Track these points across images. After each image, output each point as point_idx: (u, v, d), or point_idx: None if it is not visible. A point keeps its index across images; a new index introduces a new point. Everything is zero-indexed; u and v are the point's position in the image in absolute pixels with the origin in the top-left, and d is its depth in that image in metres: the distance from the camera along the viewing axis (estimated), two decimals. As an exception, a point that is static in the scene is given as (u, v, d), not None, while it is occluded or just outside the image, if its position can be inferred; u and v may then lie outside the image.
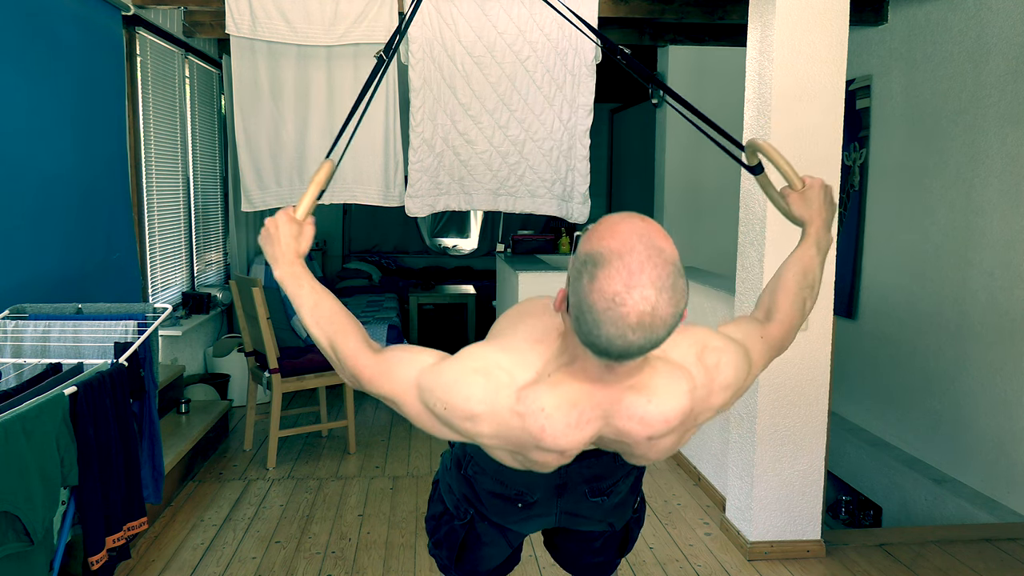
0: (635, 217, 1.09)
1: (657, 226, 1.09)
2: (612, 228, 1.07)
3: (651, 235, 1.06)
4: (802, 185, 1.52)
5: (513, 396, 1.18)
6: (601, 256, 1.04)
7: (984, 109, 3.72)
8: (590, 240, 1.08)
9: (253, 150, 4.06)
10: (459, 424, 1.22)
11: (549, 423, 1.18)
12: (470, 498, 1.56)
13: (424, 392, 1.23)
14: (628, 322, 1.03)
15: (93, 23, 3.42)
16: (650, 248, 1.04)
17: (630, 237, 1.05)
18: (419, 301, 6.98)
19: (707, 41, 4.87)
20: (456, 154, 4.03)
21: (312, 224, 1.42)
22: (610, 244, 1.05)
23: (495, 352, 1.24)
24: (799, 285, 1.46)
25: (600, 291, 1.03)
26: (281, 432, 4.03)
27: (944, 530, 3.39)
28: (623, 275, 1.02)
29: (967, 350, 3.84)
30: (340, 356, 1.31)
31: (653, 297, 1.03)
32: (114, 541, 2.14)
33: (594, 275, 1.04)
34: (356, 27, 3.91)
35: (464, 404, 1.20)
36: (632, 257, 1.03)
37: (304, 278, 1.35)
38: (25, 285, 2.85)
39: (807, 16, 2.83)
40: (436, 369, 1.24)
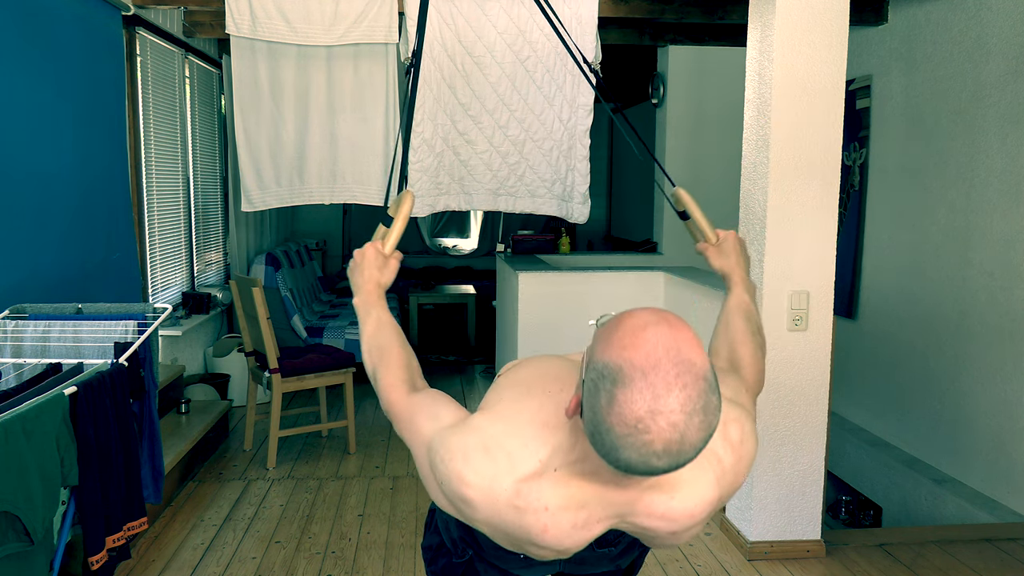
0: (660, 321, 0.94)
1: (686, 330, 0.95)
2: (634, 336, 0.93)
3: (679, 345, 0.92)
4: (716, 239, 1.60)
5: (512, 488, 1.07)
6: (621, 372, 0.91)
7: (984, 109, 3.72)
8: (608, 346, 0.94)
9: (253, 150, 4.06)
10: (453, 501, 1.14)
11: (553, 523, 1.07)
12: (468, 541, 1.48)
13: (431, 453, 1.16)
14: (653, 449, 0.91)
15: (93, 23, 3.42)
16: (679, 363, 0.90)
17: (655, 349, 0.91)
18: (419, 301, 6.98)
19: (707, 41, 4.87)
20: (456, 154, 4.03)
21: (398, 259, 1.49)
22: (632, 357, 0.91)
23: (498, 430, 1.12)
24: (750, 331, 1.48)
25: (620, 415, 0.90)
26: (281, 432, 4.03)
27: (944, 530, 3.39)
28: (647, 398, 0.89)
29: (967, 350, 3.84)
30: (379, 385, 1.33)
31: (682, 423, 0.90)
32: (114, 541, 2.14)
33: (613, 395, 0.91)
34: (356, 27, 3.91)
35: (458, 485, 1.10)
36: (658, 376, 0.90)
37: (375, 308, 1.41)
38: (25, 285, 2.85)
39: (807, 16, 2.83)
40: (444, 433, 1.15)
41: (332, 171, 4.09)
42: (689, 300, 3.96)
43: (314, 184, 4.10)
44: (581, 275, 4.48)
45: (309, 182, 4.10)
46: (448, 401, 1.24)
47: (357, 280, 1.44)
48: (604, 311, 1.10)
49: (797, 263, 2.93)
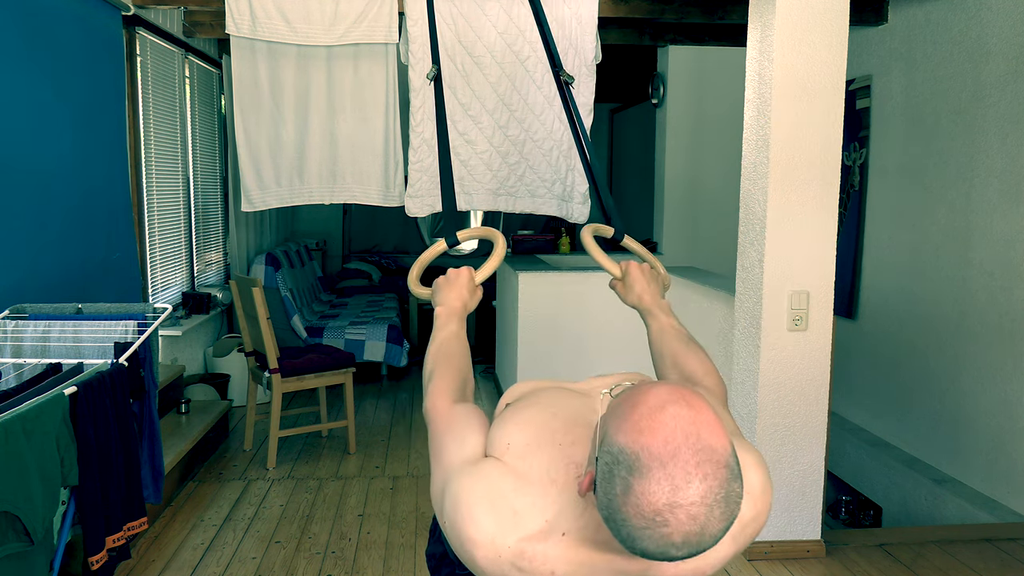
0: (679, 400, 0.89)
1: (706, 410, 0.89)
2: (651, 418, 0.87)
3: (699, 429, 0.87)
4: (620, 273, 1.63)
5: (515, 547, 1.02)
6: (638, 460, 0.86)
7: (984, 109, 3.72)
8: (624, 427, 0.89)
9: (253, 150, 4.06)
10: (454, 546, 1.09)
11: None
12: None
13: (446, 483, 1.12)
14: (671, 541, 0.86)
15: (93, 23, 3.42)
16: (699, 450, 0.85)
17: (674, 435, 0.86)
18: (419, 301, 6.97)
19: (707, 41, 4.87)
20: (456, 154, 4.03)
21: (481, 291, 1.57)
22: (649, 443, 0.86)
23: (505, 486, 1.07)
24: (684, 344, 1.46)
25: (637, 506, 0.86)
26: (281, 432, 4.03)
27: (944, 530, 3.39)
28: (666, 490, 0.84)
29: (967, 350, 3.84)
30: (430, 387, 1.33)
31: (702, 516, 0.85)
32: (114, 541, 2.14)
33: (629, 484, 0.86)
34: (356, 27, 3.91)
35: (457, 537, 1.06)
36: (677, 465, 0.85)
37: (456, 322, 1.47)
38: (25, 285, 2.85)
39: (807, 16, 2.83)
40: (461, 472, 1.10)
41: (332, 171, 4.09)
42: (687, 298, 3.95)
43: (314, 184, 4.10)
44: (581, 275, 4.48)
45: (309, 182, 4.10)
46: (479, 425, 1.20)
47: (447, 294, 1.51)
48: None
49: (797, 263, 2.93)
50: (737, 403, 3.15)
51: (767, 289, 2.94)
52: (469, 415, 1.23)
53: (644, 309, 1.58)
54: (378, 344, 5.62)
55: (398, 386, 5.70)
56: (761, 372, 2.96)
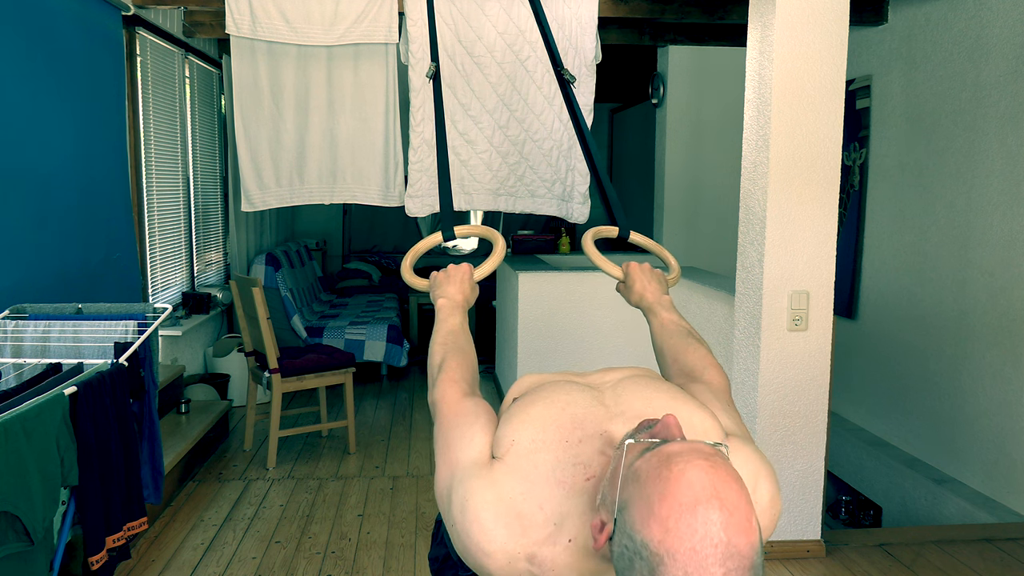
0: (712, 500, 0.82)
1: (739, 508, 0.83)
2: (679, 519, 0.82)
3: (731, 536, 0.81)
4: (622, 273, 1.63)
5: (526, 552, 1.03)
6: (662, 565, 0.81)
7: (984, 109, 3.72)
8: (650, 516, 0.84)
9: (253, 150, 4.06)
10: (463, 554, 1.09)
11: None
12: None
13: (452, 480, 1.11)
14: None
15: (93, 23, 3.42)
16: (728, 559, 0.81)
17: (703, 544, 0.81)
18: (419, 301, 6.98)
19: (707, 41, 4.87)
20: (456, 154, 4.03)
21: (478, 289, 1.58)
22: (675, 551, 0.81)
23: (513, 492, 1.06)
24: (685, 340, 1.46)
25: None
26: (281, 432, 4.03)
27: (944, 530, 3.39)
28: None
29: (967, 350, 3.84)
30: (440, 376, 1.31)
31: None
32: (114, 541, 2.14)
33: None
34: (356, 27, 3.91)
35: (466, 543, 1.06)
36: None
37: (460, 314, 1.48)
38: (25, 285, 2.85)
39: (807, 16, 2.83)
40: (468, 475, 1.10)
41: (332, 171, 4.09)
42: (687, 298, 3.95)
43: (314, 184, 4.10)
44: (581, 275, 4.48)
45: (309, 182, 4.10)
46: (488, 422, 1.18)
47: (448, 288, 1.52)
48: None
49: (797, 263, 2.93)
50: (737, 403, 3.15)
51: (767, 289, 2.94)
52: (479, 411, 1.20)
53: (645, 307, 1.58)
54: (378, 344, 5.62)
55: (398, 386, 5.70)
56: (761, 372, 2.96)
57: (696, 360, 1.41)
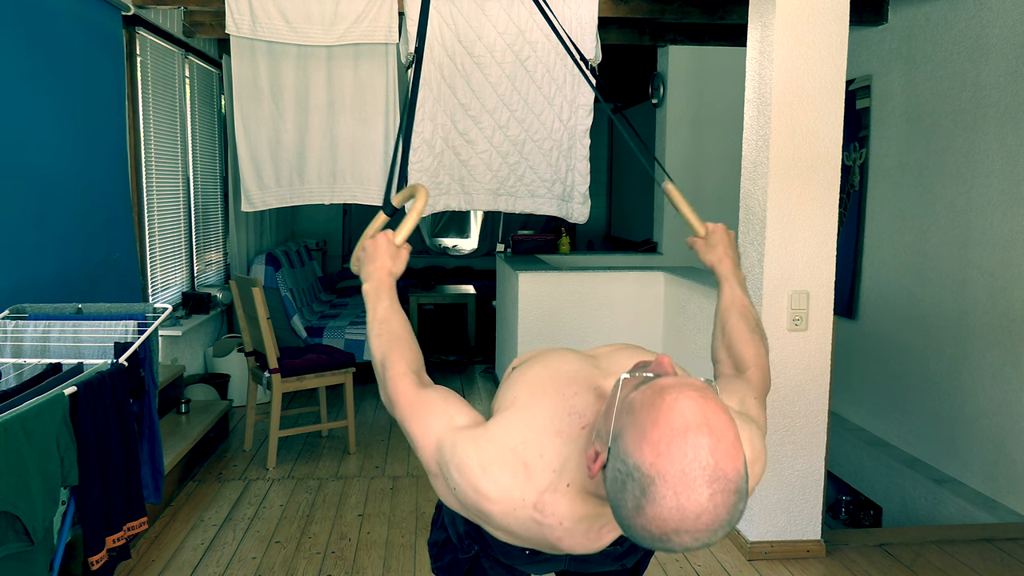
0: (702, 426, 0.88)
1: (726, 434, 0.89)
2: (671, 443, 0.87)
3: (718, 459, 0.87)
4: (705, 232, 1.60)
5: (531, 501, 1.08)
6: (653, 485, 0.87)
7: (984, 109, 3.72)
8: (642, 441, 0.89)
9: (253, 150, 4.06)
10: (467, 509, 1.14)
11: (567, 535, 1.10)
12: (475, 536, 1.48)
13: (441, 454, 1.15)
14: (672, 550, 0.91)
15: (93, 23, 3.42)
16: (714, 481, 0.86)
17: (692, 467, 0.86)
18: (419, 301, 6.98)
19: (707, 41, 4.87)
20: (456, 154, 4.03)
21: (407, 250, 1.47)
22: (665, 472, 0.87)
23: (514, 442, 1.12)
24: (750, 330, 1.46)
25: (645, 527, 0.89)
26: (281, 432, 4.03)
27: (944, 530, 3.39)
28: (676, 519, 0.87)
29: (967, 350, 3.84)
30: (386, 375, 1.30)
31: (706, 538, 0.89)
32: (114, 541, 2.14)
33: (641, 505, 0.88)
34: (356, 27, 3.91)
35: (474, 495, 1.11)
36: (690, 498, 0.86)
37: (386, 295, 1.41)
38: (25, 285, 2.85)
39: (807, 16, 2.83)
40: (457, 438, 1.14)
41: (332, 171, 4.09)
42: (687, 299, 3.95)
43: (314, 184, 4.10)
44: (581, 275, 4.48)
45: (309, 182, 4.10)
46: (459, 401, 1.23)
47: (369, 269, 1.43)
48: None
49: (797, 263, 2.93)
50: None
51: (767, 289, 2.94)
52: (444, 394, 1.25)
53: (721, 274, 1.57)
54: (378, 344, 5.60)
55: (398, 386, 5.70)
56: (761, 372, 2.96)
57: (750, 356, 1.42)
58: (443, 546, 1.60)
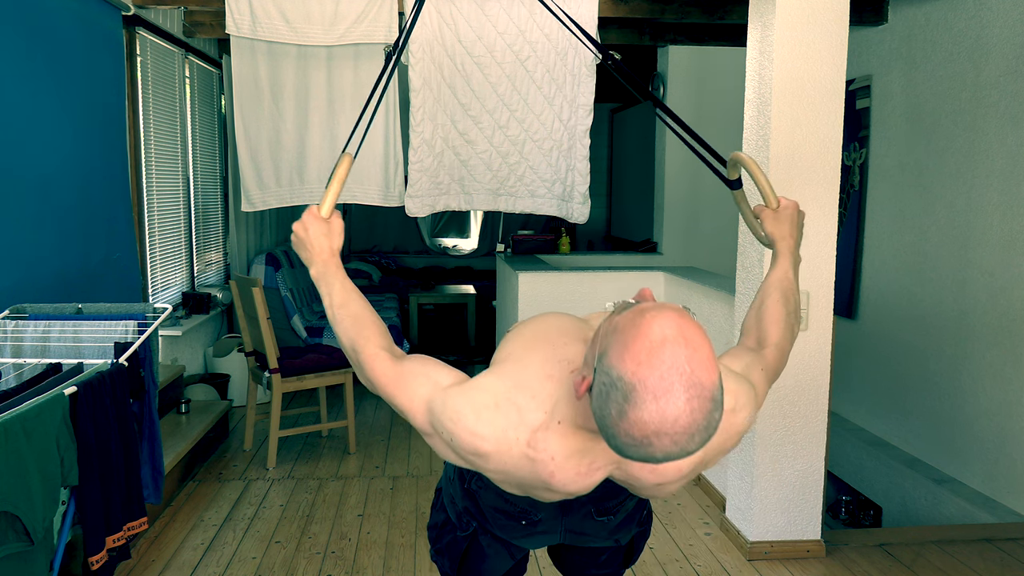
0: (679, 339, 0.95)
1: (701, 347, 0.97)
2: (651, 355, 0.95)
3: (694, 367, 0.95)
4: (777, 205, 1.57)
5: (524, 439, 1.15)
6: (634, 392, 0.95)
7: (984, 109, 3.72)
8: (624, 353, 0.96)
9: (253, 150, 4.06)
10: (465, 456, 1.20)
11: (559, 471, 1.16)
12: (473, 512, 1.53)
13: (432, 415, 1.21)
14: (653, 456, 0.98)
15: (93, 23, 3.42)
16: (690, 387, 0.94)
17: (670, 373, 0.94)
18: (419, 301, 6.98)
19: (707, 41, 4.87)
20: (456, 154, 4.03)
21: (340, 218, 1.43)
22: (646, 379, 0.94)
23: (505, 386, 1.19)
24: (785, 311, 1.46)
25: (628, 431, 0.96)
26: (281, 432, 4.03)
27: (944, 530, 3.39)
28: (655, 420, 0.94)
29: (967, 350, 3.84)
30: (360, 359, 1.31)
31: (684, 441, 0.96)
32: (114, 541, 2.14)
33: (624, 410, 0.95)
34: (356, 27, 3.91)
35: (470, 439, 1.17)
36: (669, 402, 0.94)
37: (336, 277, 1.39)
38: (25, 285, 2.85)
39: (807, 16, 2.83)
40: (447, 395, 1.21)
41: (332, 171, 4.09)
42: (687, 299, 3.96)
43: (314, 184, 4.10)
44: (581, 275, 4.48)
45: (309, 182, 4.09)
46: (438, 364, 1.28)
47: (307, 254, 1.40)
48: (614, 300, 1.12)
49: (797, 263, 2.93)
50: (737, 403, 3.14)
51: (767, 289, 2.93)
52: (422, 361, 1.30)
53: (780, 250, 1.55)
54: (378, 344, 5.61)
55: (398, 386, 5.70)
56: (761, 372, 2.96)
57: (775, 336, 1.43)
58: (442, 527, 1.63)
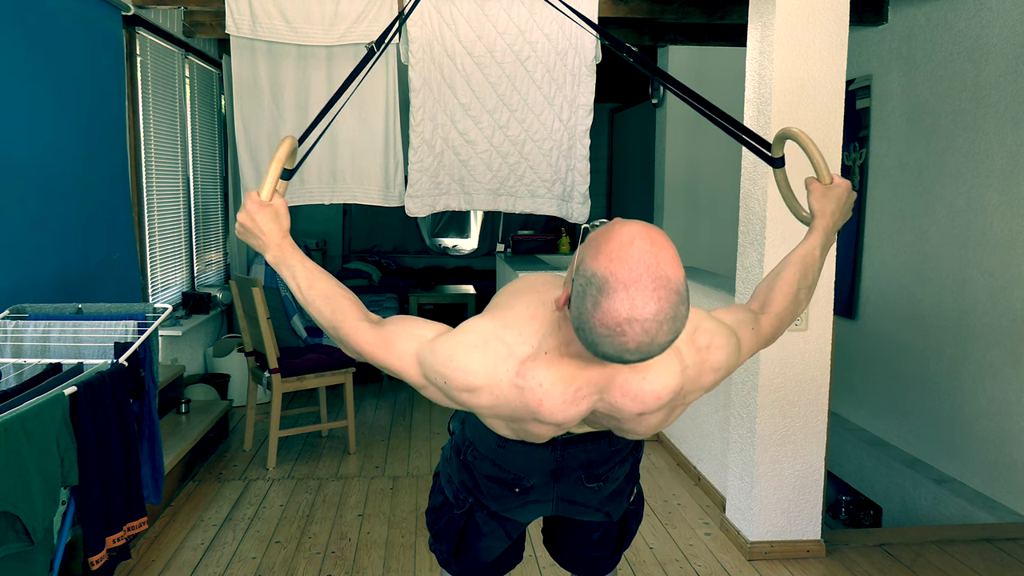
0: (646, 238, 1.07)
1: (667, 247, 1.08)
2: (621, 251, 1.05)
3: (659, 262, 1.05)
4: (830, 180, 1.57)
5: (513, 369, 1.23)
6: (607, 283, 1.04)
7: (984, 109, 3.72)
8: (598, 256, 1.07)
9: (253, 150, 4.06)
10: (458, 395, 1.27)
11: (547, 398, 1.23)
12: (469, 485, 1.59)
13: (424, 366, 1.28)
14: (627, 347, 1.06)
15: (93, 23, 3.42)
16: (657, 278, 1.04)
17: (638, 265, 1.04)
18: (419, 301, 6.98)
19: (707, 41, 4.87)
20: (456, 154, 4.03)
21: (282, 197, 1.41)
22: (617, 271, 1.04)
23: (493, 325, 1.27)
24: (798, 284, 1.48)
25: (603, 320, 1.05)
26: (281, 432, 4.03)
27: (944, 530, 3.39)
28: (626, 307, 1.03)
29: (967, 350, 3.84)
30: (341, 335, 1.35)
31: (653, 329, 1.05)
32: (114, 541, 2.14)
33: (598, 301, 1.05)
34: (356, 27, 3.91)
35: (463, 377, 1.24)
36: (638, 289, 1.03)
37: (295, 259, 1.39)
38: (25, 285, 2.85)
39: (807, 16, 2.83)
40: (435, 344, 1.28)
41: (332, 171, 4.09)
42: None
43: (314, 184, 4.10)
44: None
45: (309, 182, 4.09)
46: (418, 320, 1.34)
47: (258, 241, 1.38)
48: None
49: (797, 263, 2.93)
50: (737, 403, 3.15)
51: (767, 289, 2.93)
52: (403, 320, 1.36)
53: (816, 226, 1.56)
54: (378, 344, 5.61)
55: (398, 386, 5.70)
56: (761, 372, 2.96)
57: (778, 307, 1.47)
58: (440, 509, 1.69)
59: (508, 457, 1.50)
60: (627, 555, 3.04)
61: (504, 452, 1.49)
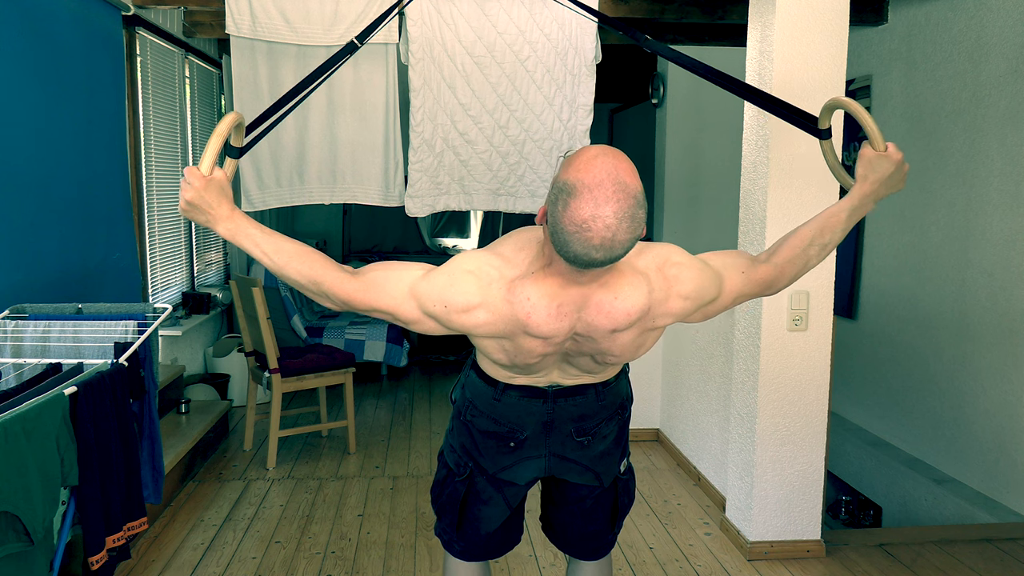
0: (608, 154, 1.27)
1: (627, 162, 1.27)
2: (588, 163, 1.26)
3: (619, 171, 1.24)
4: (884, 150, 1.57)
5: (504, 287, 1.40)
6: (574, 188, 1.24)
7: (984, 109, 3.72)
8: (568, 169, 1.27)
9: (253, 150, 4.06)
10: (457, 318, 1.41)
11: (534, 311, 1.40)
12: (468, 448, 1.73)
13: (422, 299, 1.42)
14: (592, 243, 1.24)
15: (93, 23, 3.42)
16: (616, 183, 1.23)
17: (600, 172, 1.24)
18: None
19: (707, 41, 4.86)
20: (456, 154, 4.03)
21: (220, 168, 1.46)
22: (583, 178, 1.24)
23: (485, 255, 1.44)
24: (811, 240, 1.54)
25: (571, 218, 1.24)
26: (281, 432, 4.03)
27: (944, 530, 3.39)
28: (590, 206, 1.23)
29: (967, 350, 3.84)
30: (324, 289, 1.42)
31: (614, 226, 1.23)
32: (114, 541, 2.14)
33: (567, 203, 1.24)
34: (356, 27, 3.91)
35: (462, 298, 1.40)
36: (600, 191, 1.23)
37: (252, 227, 1.42)
38: (25, 285, 2.85)
39: (807, 16, 2.83)
40: (429, 278, 1.42)
41: (332, 171, 4.09)
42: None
43: (314, 184, 4.10)
44: (581, 275, 4.48)
45: (309, 182, 4.09)
46: (399, 263, 1.47)
47: (206, 216, 1.40)
48: None
49: (797, 263, 2.93)
50: (737, 403, 3.15)
51: (767, 289, 2.93)
52: (386, 265, 1.47)
53: (856, 191, 1.59)
54: (378, 344, 5.62)
55: (398, 386, 5.70)
56: (761, 372, 2.96)
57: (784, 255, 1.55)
58: (443, 482, 1.81)
59: (503, 411, 1.65)
60: (627, 555, 3.04)
61: (500, 405, 1.64)
